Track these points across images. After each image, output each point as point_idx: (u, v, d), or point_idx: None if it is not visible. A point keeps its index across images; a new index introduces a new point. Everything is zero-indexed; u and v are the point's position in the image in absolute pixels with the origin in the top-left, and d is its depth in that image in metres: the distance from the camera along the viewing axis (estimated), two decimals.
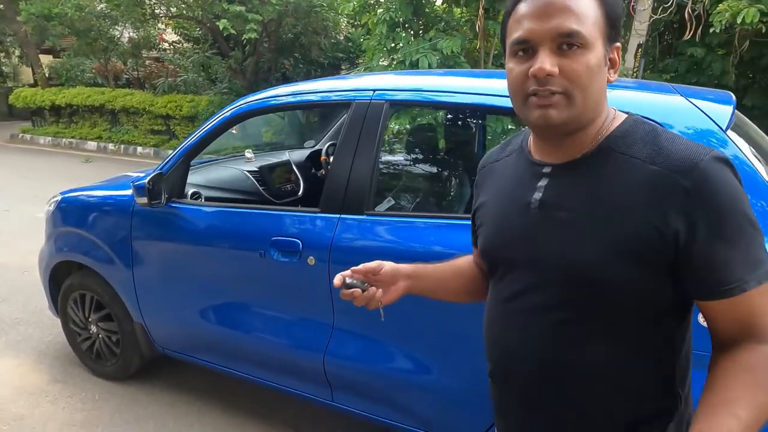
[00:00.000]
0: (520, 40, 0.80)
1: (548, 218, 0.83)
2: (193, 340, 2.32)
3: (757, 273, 0.74)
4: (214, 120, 2.20)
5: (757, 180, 1.38)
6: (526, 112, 0.81)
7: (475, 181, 1.04)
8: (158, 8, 9.33)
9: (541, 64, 0.77)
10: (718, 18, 5.35)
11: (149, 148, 10.14)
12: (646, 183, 0.76)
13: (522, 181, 0.89)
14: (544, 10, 0.77)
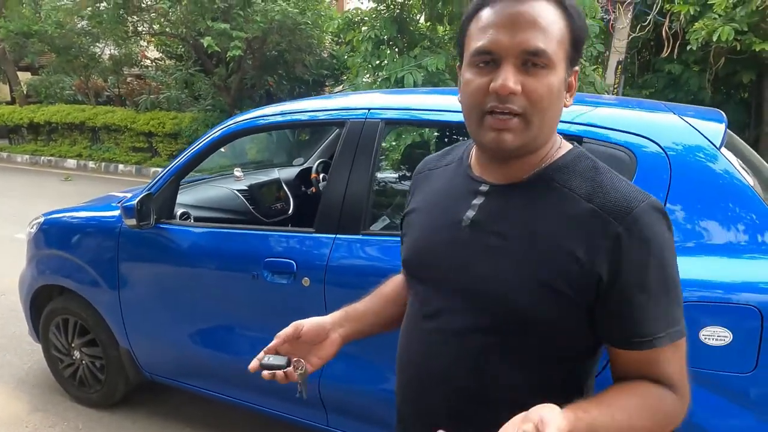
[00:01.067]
0: (483, 50, 0.74)
1: (478, 239, 0.81)
2: (183, 365, 2.25)
3: (670, 331, 0.74)
4: (203, 140, 2.17)
5: (747, 194, 1.40)
6: (481, 133, 0.77)
7: (410, 186, 1.01)
8: (141, 26, 9.27)
9: (504, 81, 0.72)
10: (694, 36, 5.52)
11: (131, 165, 9.99)
12: (579, 220, 0.75)
13: (457, 195, 0.86)
14: (513, 21, 0.72)
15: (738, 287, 1.32)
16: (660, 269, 0.73)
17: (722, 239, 1.37)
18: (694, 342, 1.32)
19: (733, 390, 1.33)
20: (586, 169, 0.79)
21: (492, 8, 0.75)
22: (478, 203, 0.83)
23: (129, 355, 2.37)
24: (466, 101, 0.78)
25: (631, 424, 0.72)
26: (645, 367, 0.76)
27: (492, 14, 0.74)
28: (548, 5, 0.74)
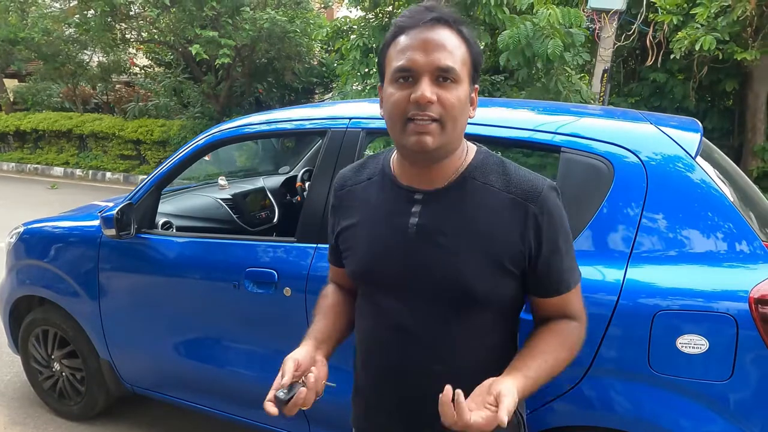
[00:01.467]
0: (403, 68, 0.88)
1: (427, 240, 0.94)
2: (164, 377, 2.22)
3: (574, 277, 1.01)
4: (186, 148, 2.16)
5: (723, 203, 1.41)
6: (404, 138, 0.90)
7: (332, 203, 1.09)
8: (129, 33, 9.24)
9: (423, 92, 0.86)
10: (677, 45, 5.60)
11: (119, 173, 9.91)
12: (505, 208, 0.94)
13: (394, 205, 0.98)
14: (426, 44, 0.88)
15: (716, 296, 1.33)
16: (565, 234, 0.98)
17: (697, 248, 1.38)
18: (671, 351, 1.33)
19: (711, 397, 1.33)
20: (495, 165, 0.98)
21: (407, 35, 0.90)
22: (417, 210, 0.96)
23: (110, 367, 2.34)
24: (390, 111, 0.91)
25: (557, 359, 0.95)
26: (560, 307, 1.01)
27: (408, 39, 0.89)
28: (451, 33, 0.90)
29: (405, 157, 0.96)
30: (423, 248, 0.94)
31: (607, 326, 1.38)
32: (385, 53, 0.94)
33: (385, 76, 0.93)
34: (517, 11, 6.24)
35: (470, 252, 0.93)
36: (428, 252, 0.94)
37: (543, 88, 5.99)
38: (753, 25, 5.42)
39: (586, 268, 1.42)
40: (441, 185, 0.96)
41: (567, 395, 1.44)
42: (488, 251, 0.93)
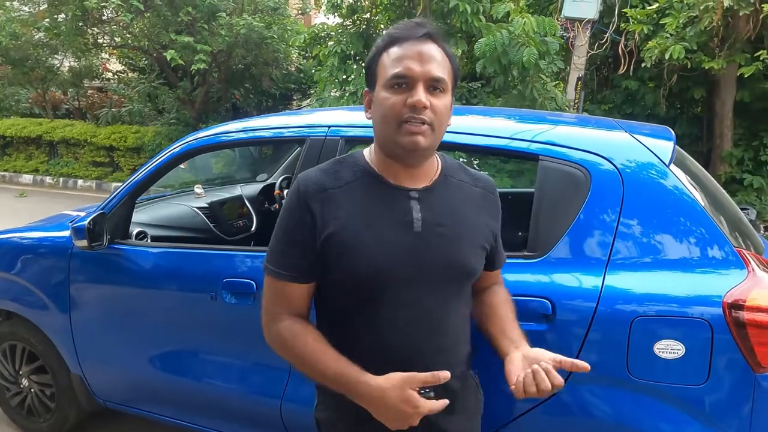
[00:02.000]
0: (400, 74, 0.99)
1: (432, 232, 1.05)
2: (139, 391, 2.16)
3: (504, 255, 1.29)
4: (161, 156, 2.11)
5: (695, 209, 1.44)
6: (399, 137, 1.00)
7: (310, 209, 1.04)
8: (101, 38, 9.05)
9: (419, 97, 0.98)
10: (648, 54, 5.74)
11: (91, 180, 9.67)
12: (478, 200, 1.14)
13: (393, 204, 1.05)
14: (421, 56, 0.99)
15: (691, 301, 1.35)
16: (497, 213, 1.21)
17: (672, 254, 1.40)
18: (649, 356, 1.35)
19: (687, 401, 1.36)
20: (458, 166, 1.16)
21: (400, 46, 1.01)
22: (417, 206, 1.06)
23: (81, 382, 2.26)
24: (384, 113, 1.01)
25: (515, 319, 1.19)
26: (496, 277, 1.28)
27: (403, 50, 1.00)
28: (438, 49, 1.02)
29: (395, 157, 1.05)
30: (429, 239, 1.05)
31: (587, 333, 1.39)
32: (377, 60, 1.03)
33: (378, 82, 1.03)
34: (493, 20, 6.32)
35: (465, 237, 1.09)
36: (434, 242, 1.05)
37: (519, 95, 6.08)
38: (719, 35, 5.60)
39: (565, 275, 1.45)
40: (428, 183, 1.08)
41: (547, 403, 1.45)
42: (475, 234, 1.11)
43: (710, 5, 5.21)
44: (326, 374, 1.04)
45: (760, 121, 6.40)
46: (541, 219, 1.51)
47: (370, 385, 0.99)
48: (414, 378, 0.97)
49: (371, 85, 1.06)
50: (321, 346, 1.05)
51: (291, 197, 1.08)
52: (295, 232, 1.06)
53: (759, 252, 1.55)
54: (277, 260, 1.08)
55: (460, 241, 1.08)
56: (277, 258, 1.08)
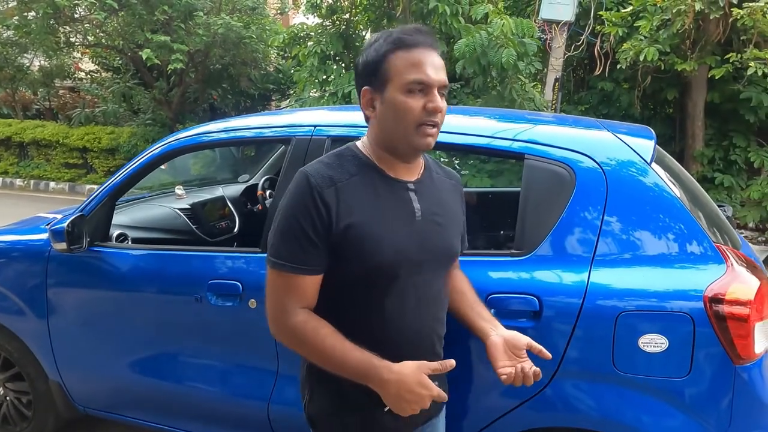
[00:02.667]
0: (420, 81, 1.06)
1: (430, 222, 1.16)
2: (121, 396, 2.11)
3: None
4: (142, 157, 2.08)
5: (676, 206, 1.48)
6: (417, 138, 1.08)
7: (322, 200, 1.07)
8: (74, 36, 8.83)
9: (438, 103, 1.07)
10: (623, 55, 5.87)
11: (63, 183, 9.44)
12: (452, 190, 1.27)
13: (395, 197, 1.13)
14: (434, 64, 1.08)
15: (671, 295, 1.39)
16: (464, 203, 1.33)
17: (655, 250, 1.44)
18: (633, 350, 1.38)
19: (671, 393, 1.39)
20: (433, 161, 1.27)
21: (412, 51, 1.07)
22: (415, 198, 1.15)
23: (60, 389, 2.20)
24: (402, 116, 1.08)
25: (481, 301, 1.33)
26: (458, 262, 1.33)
27: (418, 56, 1.07)
28: (438, 55, 1.11)
29: (400, 154, 1.13)
30: (430, 227, 1.15)
31: (573, 329, 1.42)
32: (384, 62, 1.08)
33: (390, 83, 1.08)
34: (472, 21, 6.38)
35: (451, 224, 1.21)
36: (433, 229, 1.16)
37: (498, 96, 6.15)
38: (691, 37, 5.75)
39: (551, 272, 1.47)
40: (418, 176, 1.18)
41: (536, 398, 1.47)
42: (457, 221, 1.25)
43: (682, 8, 5.35)
44: (346, 364, 1.07)
45: (729, 121, 6.59)
46: (527, 217, 1.53)
47: (392, 370, 1.05)
48: (427, 365, 1.06)
49: (376, 84, 1.10)
50: (339, 338, 1.09)
51: (301, 190, 1.08)
52: (309, 225, 1.07)
53: (736, 247, 1.60)
54: (288, 254, 1.08)
55: (449, 227, 1.21)
56: (289, 251, 1.08)
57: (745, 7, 5.13)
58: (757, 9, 5.05)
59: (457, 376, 1.53)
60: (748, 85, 5.90)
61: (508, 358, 1.17)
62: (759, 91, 5.82)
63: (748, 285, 1.36)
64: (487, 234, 2.68)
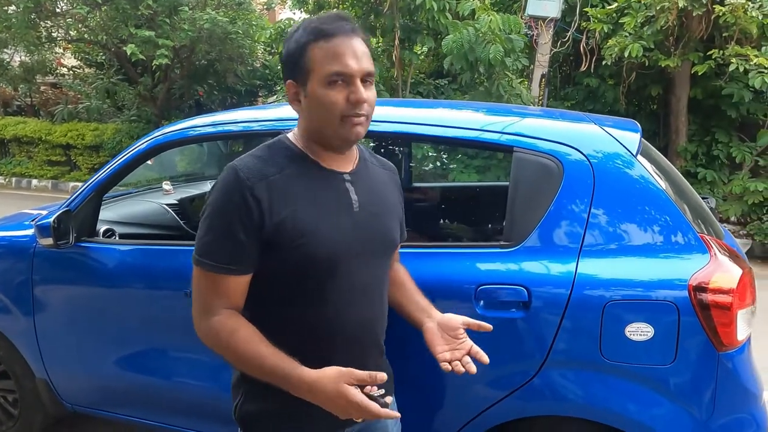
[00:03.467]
0: (340, 72, 1.03)
1: (368, 213, 1.13)
2: (110, 393, 2.10)
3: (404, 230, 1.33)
4: (128, 152, 2.05)
5: (661, 197, 1.50)
6: (343, 129, 1.05)
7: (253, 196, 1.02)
8: (56, 31, 8.68)
9: (361, 94, 1.04)
10: (608, 52, 5.94)
11: (46, 180, 9.30)
12: (387, 179, 1.24)
13: (331, 188, 1.11)
14: (355, 52, 1.04)
15: (657, 285, 1.42)
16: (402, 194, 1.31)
17: (641, 240, 1.46)
18: (620, 339, 1.40)
19: (656, 381, 1.42)
20: (367, 151, 1.26)
21: (331, 41, 1.03)
22: (352, 188, 1.13)
23: (47, 387, 2.18)
24: (326, 109, 1.05)
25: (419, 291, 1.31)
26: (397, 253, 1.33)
27: (337, 46, 1.03)
28: (363, 43, 1.07)
29: (330, 146, 1.10)
30: (367, 218, 1.13)
31: (562, 318, 1.44)
32: (304, 54, 1.04)
33: (311, 76, 1.04)
34: (459, 17, 6.40)
35: (388, 213, 1.20)
36: (371, 220, 1.14)
37: (486, 91, 6.19)
38: (674, 34, 5.84)
39: (540, 263, 1.49)
40: (353, 167, 1.16)
41: (524, 388, 1.49)
42: (394, 210, 1.23)
43: (666, 5, 5.43)
44: (263, 368, 1.02)
45: (711, 117, 6.71)
46: (516, 209, 1.54)
47: (303, 378, 0.99)
48: (350, 373, 0.97)
49: (299, 78, 1.06)
50: (257, 340, 1.03)
51: (230, 186, 1.03)
52: (238, 223, 1.02)
53: (719, 237, 1.63)
54: (216, 253, 1.04)
55: (387, 217, 1.20)
56: (216, 250, 1.04)
57: (726, 4, 5.22)
58: (739, 6, 5.13)
59: (440, 369, 1.56)
60: (730, 81, 6.00)
61: (445, 342, 1.16)
62: (740, 87, 5.92)
63: (731, 274, 1.39)
64: (476, 226, 2.70)
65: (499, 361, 1.52)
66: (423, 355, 1.44)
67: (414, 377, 1.34)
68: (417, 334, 1.20)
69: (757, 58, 5.23)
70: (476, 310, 1.49)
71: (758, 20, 5.19)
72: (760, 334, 1.93)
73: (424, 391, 1.58)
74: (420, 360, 1.35)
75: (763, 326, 3.87)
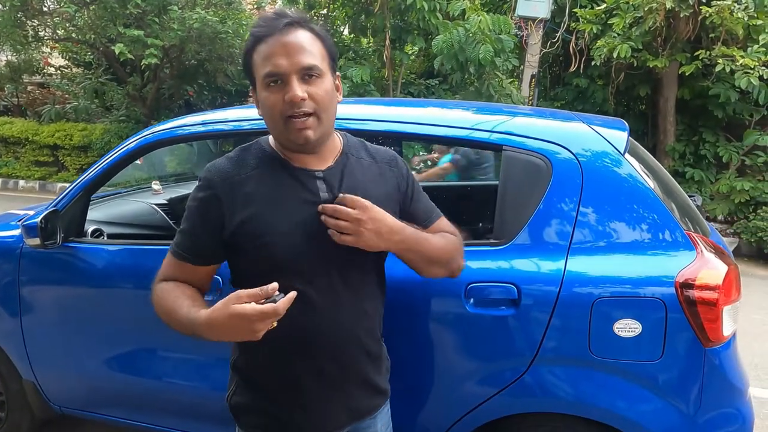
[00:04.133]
0: (271, 73, 1.00)
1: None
2: (98, 395, 2.08)
3: (436, 211, 1.27)
4: (116, 152, 2.04)
5: (649, 195, 1.52)
6: (288, 134, 1.02)
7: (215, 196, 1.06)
8: (43, 30, 8.58)
9: (294, 92, 0.99)
10: (597, 53, 5.99)
11: (33, 181, 9.19)
12: (376, 174, 1.17)
13: (300, 186, 1.07)
14: (287, 48, 1.00)
15: (644, 281, 1.43)
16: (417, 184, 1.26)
17: (629, 238, 1.48)
18: (609, 335, 1.42)
19: (643, 377, 1.43)
20: (358, 144, 1.20)
21: (266, 43, 1.01)
22: (323, 185, 1.08)
23: (34, 389, 2.15)
24: (268, 113, 1.03)
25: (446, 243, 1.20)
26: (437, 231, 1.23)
27: (269, 46, 1.01)
28: (305, 32, 1.02)
29: (291, 149, 1.07)
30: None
31: (551, 315, 1.45)
32: (249, 61, 1.05)
33: (257, 82, 1.05)
34: (449, 17, 6.42)
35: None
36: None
37: (476, 91, 6.21)
38: (662, 35, 5.90)
39: (529, 261, 1.50)
40: (330, 163, 1.11)
41: (514, 385, 1.50)
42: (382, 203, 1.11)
43: (654, 6, 5.48)
44: (179, 322, 1.04)
45: (699, 117, 6.79)
46: (506, 207, 1.55)
47: (202, 319, 0.98)
48: (236, 294, 0.93)
49: (252, 85, 1.08)
50: (182, 296, 1.06)
51: (198, 186, 1.10)
52: (200, 219, 1.08)
53: (705, 235, 1.65)
54: (181, 243, 1.11)
55: None
56: (181, 241, 1.11)
57: (713, 5, 5.28)
58: (725, 7, 5.20)
59: (431, 367, 1.57)
60: (717, 82, 6.08)
61: None
62: (727, 88, 6.00)
63: (717, 270, 1.41)
64: (466, 224, 2.71)
65: (489, 358, 1.54)
66: (414, 352, 1.45)
67: (404, 375, 1.34)
68: (404, 331, 1.20)
69: (742, 58, 5.31)
70: (466, 308, 1.50)
71: (744, 21, 5.26)
72: (745, 332, 1.96)
73: (415, 388, 1.58)
74: (410, 357, 1.36)
75: (750, 324, 3.93)
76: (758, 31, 5.35)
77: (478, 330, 1.51)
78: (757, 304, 4.33)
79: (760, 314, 4.14)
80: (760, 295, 4.64)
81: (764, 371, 3.23)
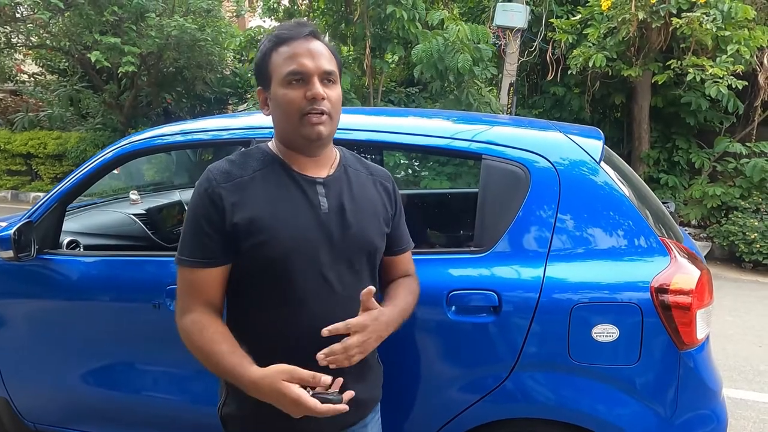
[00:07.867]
0: (296, 71, 1.08)
1: (339, 216, 1.13)
2: (75, 410, 2.03)
3: (408, 243, 1.33)
4: (93, 162, 2.01)
5: (624, 203, 1.56)
6: (303, 128, 1.08)
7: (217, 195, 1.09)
8: (15, 37, 8.41)
9: (317, 90, 1.07)
10: (573, 62, 6.11)
11: (6, 190, 8.97)
12: (374, 187, 1.23)
13: (299, 191, 1.12)
14: (311, 53, 1.09)
15: (621, 287, 1.46)
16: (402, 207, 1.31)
17: (605, 245, 1.51)
18: (587, 340, 1.44)
19: (622, 381, 1.46)
20: (353, 158, 1.26)
21: (289, 45, 1.09)
22: (323, 192, 1.14)
23: (7, 405, 2.09)
24: (285, 109, 1.09)
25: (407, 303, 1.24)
26: (403, 265, 1.32)
27: (293, 49, 1.09)
28: (322, 45, 1.13)
29: (298, 147, 1.12)
30: (336, 220, 1.13)
31: (531, 321, 1.47)
32: (267, 61, 1.11)
33: (273, 80, 1.10)
34: (429, 26, 6.49)
35: (365, 218, 1.18)
36: (343, 224, 1.14)
37: (456, 100, 6.27)
38: (635, 45, 6.05)
39: (509, 268, 1.52)
40: (330, 172, 1.17)
41: (496, 391, 1.51)
42: (373, 215, 1.20)
43: (627, 17, 5.62)
44: (220, 367, 1.06)
45: (672, 124, 6.96)
46: (486, 215, 1.57)
47: (249, 377, 1.02)
48: (291, 371, 0.99)
49: (264, 83, 1.13)
50: (220, 339, 1.07)
51: (199, 186, 1.12)
52: (204, 219, 1.09)
53: (679, 240, 1.70)
54: (188, 248, 1.11)
55: (362, 221, 1.18)
56: (188, 246, 1.11)
57: (683, 17, 5.44)
58: (695, 19, 5.36)
59: (413, 375, 1.58)
60: (688, 90, 6.25)
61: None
62: (698, 96, 6.17)
63: (690, 275, 1.45)
64: (447, 233, 2.73)
65: (471, 365, 1.55)
66: (396, 360, 1.45)
67: (387, 383, 1.34)
68: (386, 339, 1.20)
69: (712, 68, 5.47)
70: (448, 315, 1.51)
71: (713, 33, 5.43)
72: (718, 334, 2.00)
73: (398, 396, 1.58)
74: (392, 365, 1.36)
75: (723, 326, 4.03)
76: (726, 41, 5.53)
77: (459, 337, 1.53)
78: (729, 306, 4.45)
79: (732, 316, 4.25)
80: (732, 298, 4.76)
81: (737, 372, 3.31)
